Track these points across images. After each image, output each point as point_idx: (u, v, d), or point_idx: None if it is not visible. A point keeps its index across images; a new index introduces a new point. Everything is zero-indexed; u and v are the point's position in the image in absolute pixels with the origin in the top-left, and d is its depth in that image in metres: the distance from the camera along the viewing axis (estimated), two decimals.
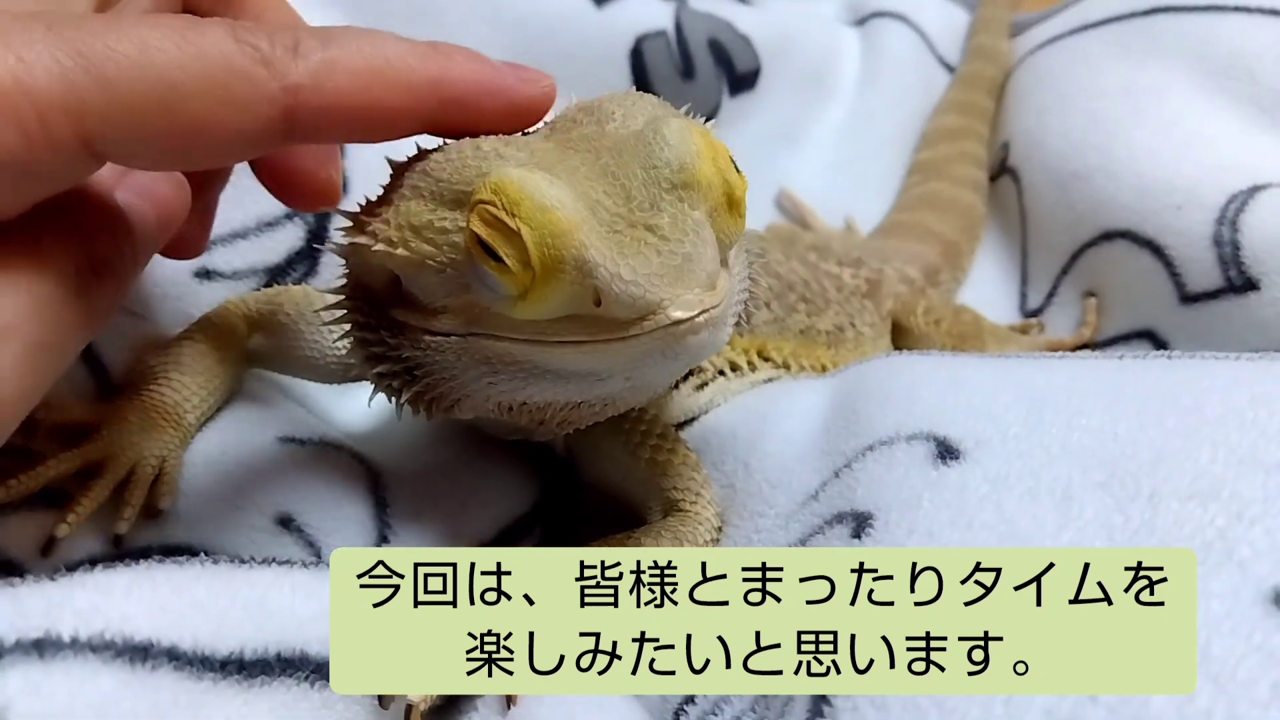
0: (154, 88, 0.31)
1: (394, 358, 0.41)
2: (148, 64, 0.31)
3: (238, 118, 0.33)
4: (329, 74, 0.34)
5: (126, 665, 0.32)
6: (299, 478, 0.48)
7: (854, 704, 0.31)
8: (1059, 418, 0.39)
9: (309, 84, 0.33)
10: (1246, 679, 0.27)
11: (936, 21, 1.04)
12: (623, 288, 0.33)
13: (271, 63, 0.33)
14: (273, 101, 0.33)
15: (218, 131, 0.33)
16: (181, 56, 0.32)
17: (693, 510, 0.46)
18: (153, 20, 0.32)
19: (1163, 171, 0.70)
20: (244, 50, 0.32)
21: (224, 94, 0.32)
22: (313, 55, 0.34)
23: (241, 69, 0.32)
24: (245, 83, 0.32)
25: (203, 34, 0.32)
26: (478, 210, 0.34)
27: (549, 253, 0.34)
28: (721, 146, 0.38)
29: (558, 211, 0.34)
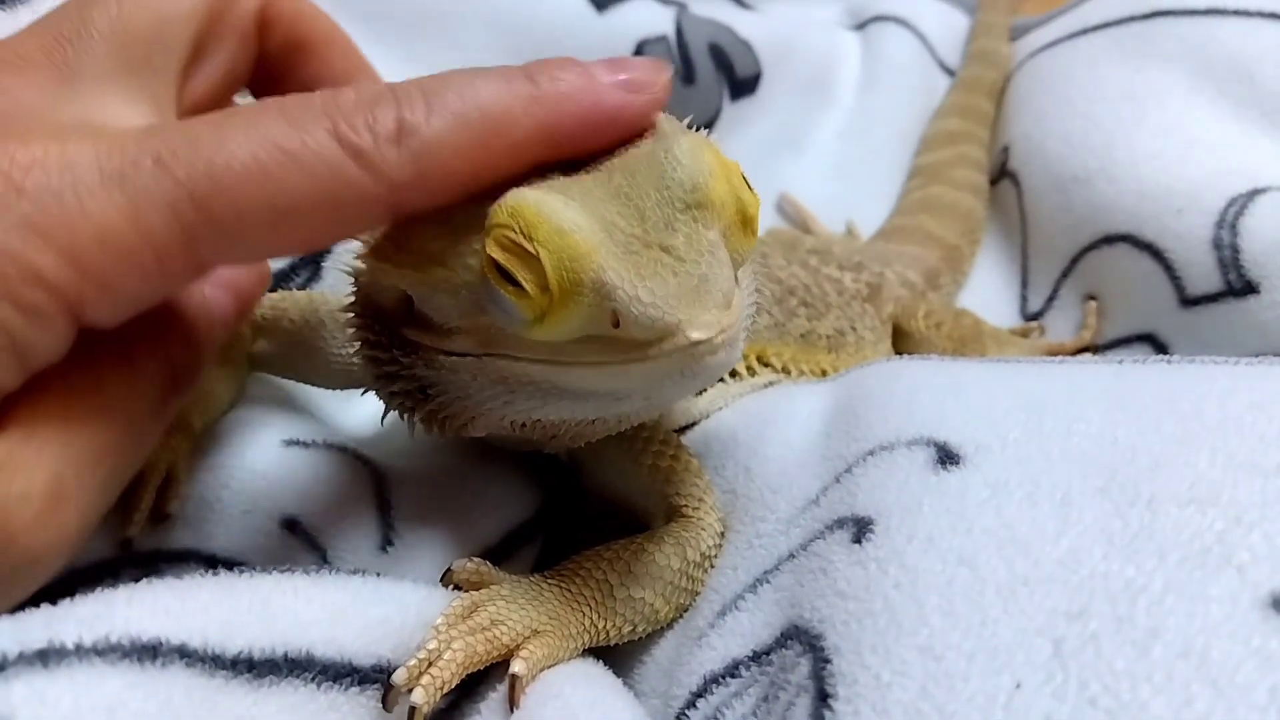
0: (263, 214, 0.32)
1: (407, 377, 0.41)
2: (260, 192, 0.32)
3: (344, 225, 0.34)
4: (433, 159, 0.33)
5: (135, 665, 0.32)
6: (304, 481, 0.48)
7: (855, 709, 0.32)
8: (1059, 423, 0.39)
9: (413, 178, 0.33)
10: (1245, 683, 0.27)
11: (936, 25, 1.04)
12: (641, 310, 0.33)
13: (374, 164, 0.32)
14: (378, 200, 0.33)
15: (324, 238, 0.34)
16: (288, 178, 0.32)
17: (696, 516, 0.46)
18: (258, 132, 0.32)
19: (1163, 175, 0.71)
20: (347, 154, 0.32)
21: (332, 209, 0.33)
22: (414, 139, 0.33)
23: (348, 178, 0.32)
24: (353, 192, 0.33)
25: (305, 142, 0.32)
26: (494, 234, 0.34)
27: (567, 276, 0.33)
28: (734, 165, 0.37)
29: (575, 235, 0.33)
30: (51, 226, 0.30)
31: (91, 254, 0.31)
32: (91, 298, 0.31)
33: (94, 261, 0.31)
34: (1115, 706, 0.28)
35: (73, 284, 0.31)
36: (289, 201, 0.32)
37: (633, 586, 0.43)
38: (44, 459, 0.32)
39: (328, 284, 0.60)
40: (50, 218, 0.31)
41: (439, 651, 0.37)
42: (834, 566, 0.37)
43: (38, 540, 0.32)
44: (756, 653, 0.39)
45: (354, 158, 0.32)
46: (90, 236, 0.31)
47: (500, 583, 0.41)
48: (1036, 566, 0.33)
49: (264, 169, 0.32)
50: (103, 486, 0.34)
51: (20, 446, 0.32)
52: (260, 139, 0.32)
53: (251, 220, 0.32)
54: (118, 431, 0.35)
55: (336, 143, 0.32)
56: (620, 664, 0.44)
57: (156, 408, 0.37)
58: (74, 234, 0.31)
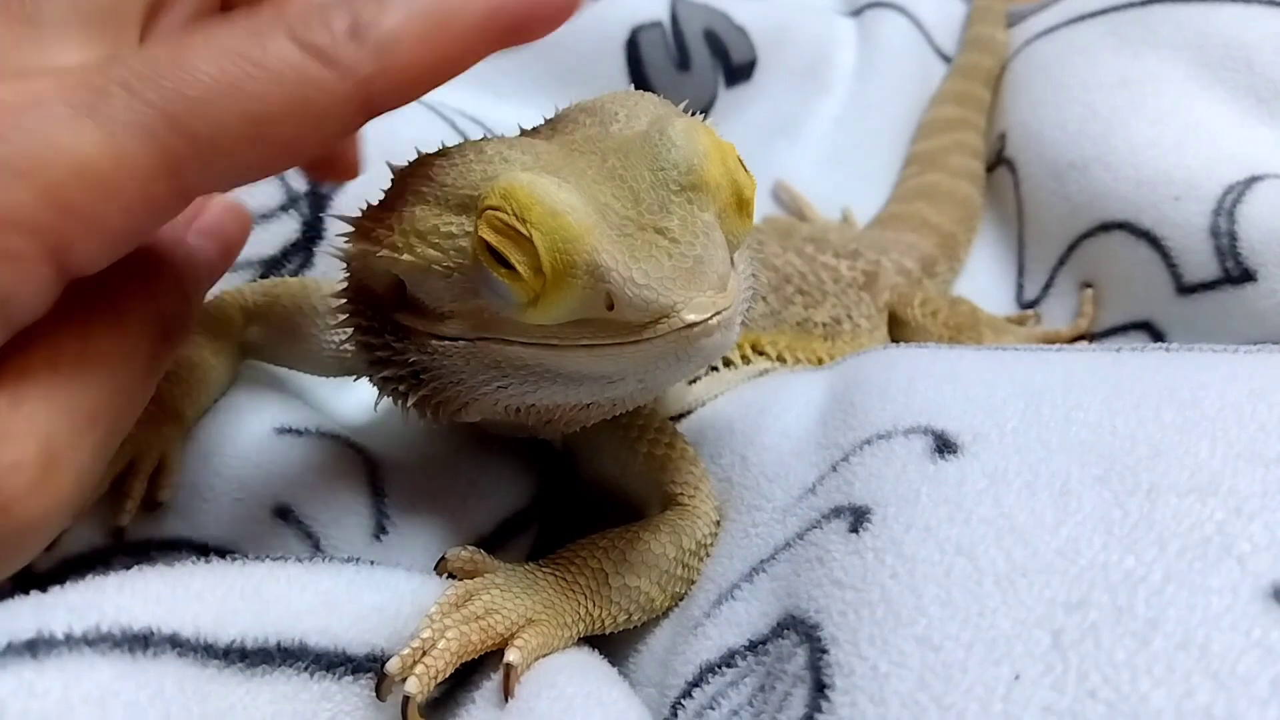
0: (241, 127, 0.31)
1: (399, 362, 0.41)
2: (231, 106, 0.31)
3: (320, 128, 0.33)
4: (394, 51, 0.33)
5: (126, 655, 0.31)
6: (296, 469, 0.48)
7: (852, 700, 0.32)
8: (1057, 412, 0.39)
9: (377, 70, 0.33)
10: (1246, 675, 0.27)
11: (933, 12, 1.03)
12: (636, 292, 0.33)
13: (337, 61, 0.32)
14: (349, 100, 0.33)
15: (303, 145, 0.33)
16: (258, 86, 0.31)
17: (691, 504, 0.46)
18: (218, 47, 0.32)
19: (1160, 162, 0.70)
20: (310, 56, 0.32)
21: (304, 113, 0.32)
22: (372, 32, 0.33)
23: (315, 80, 0.32)
24: (321, 93, 0.32)
25: (267, 50, 0.32)
26: (486, 216, 0.34)
27: (561, 258, 0.33)
28: (729, 146, 0.37)
29: (569, 216, 0.33)
30: (25, 164, 0.29)
31: (70, 189, 0.30)
32: (75, 237, 0.30)
33: (74, 197, 0.30)
34: (1115, 698, 0.28)
35: (53, 223, 0.30)
36: (262, 109, 0.31)
37: (628, 575, 0.42)
38: (34, 425, 0.31)
39: (320, 270, 0.59)
40: (22, 155, 0.29)
41: (433, 640, 0.37)
42: (831, 556, 0.37)
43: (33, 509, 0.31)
44: (753, 642, 0.39)
45: (316, 57, 0.32)
46: (67, 171, 0.30)
47: (494, 571, 0.41)
48: (1035, 556, 0.33)
49: (232, 81, 0.31)
50: (97, 448, 0.34)
51: (9, 413, 0.31)
52: (223, 52, 0.31)
53: (229, 133, 0.31)
54: (110, 390, 0.34)
55: (297, 46, 0.32)
56: (616, 653, 0.44)
57: (148, 362, 0.36)
58: (49, 169, 0.29)
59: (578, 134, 0.38)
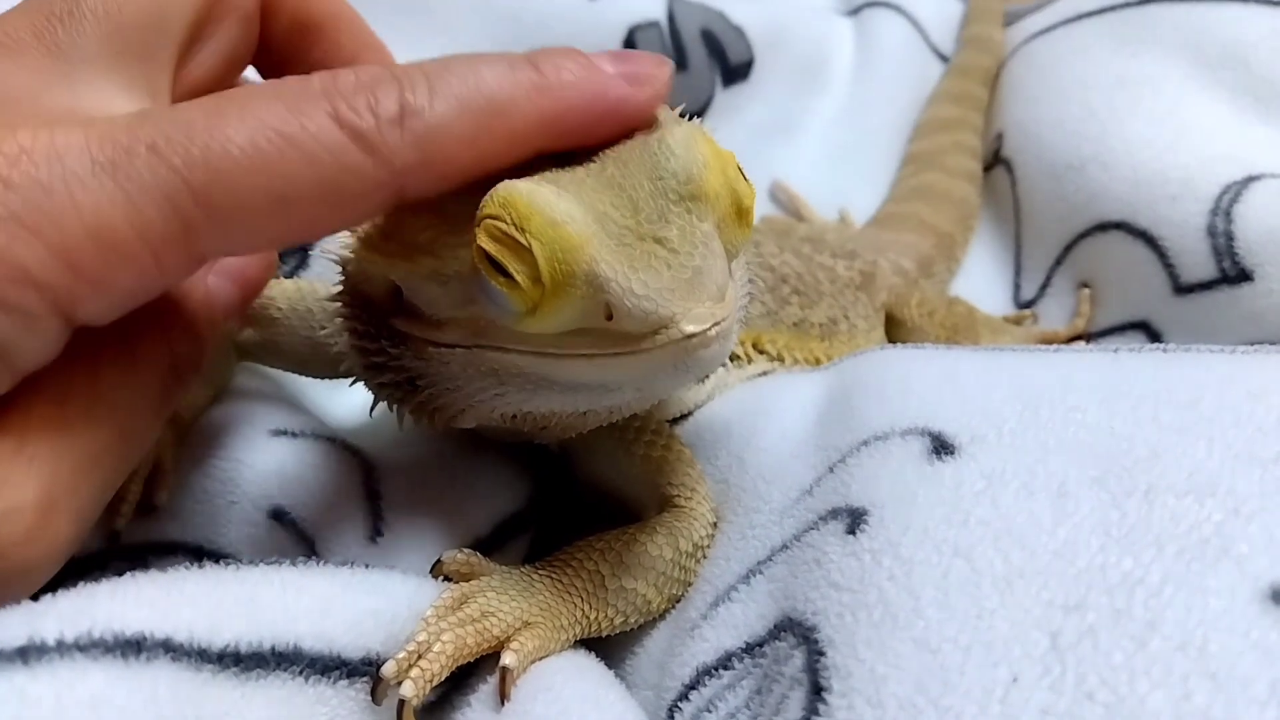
0: (264, 202, 0.31)
1: (395, 368, 0.41)
2: (257, 182, 0.30)
3: (347, 211, 0.33)
4: (437, 143, 0.32)
5: (119, 661, 0.31)
6: (291, 471, 0.47)
7: (850, 702, 0.31)
8: (1054, 413, 0.38)
9: (418, 161, 0.32)
10: (1244, 677, 0.27)
11: (930, 11, 1.03)
12: (635, 303, 0.33)
13: (376, 148, 0.31)
14: (381, 188, 0.32)
15: (327, 225, 0.33)
16: (289, 164, 0.31)
17: (688, 506, 0.46)
18: (255, 116, 0.31)
19: (1157, 162, 0.70)
20: (348, 138, 0.31)
21: (335, 196, 0.32)
22: (417, 121, 0.32)
23: (350, 164, 0.31)
24: (355, 178, 0.31)
25: (305, 126, 0.31)
26: (485, 225, 0.34)
27: (560, 268, 0.33)
28: (729, 155, 0.37)
29: (568, 226, 0.33)
30: (39, 221, 0.29)
31: (83, 250, 0.29)
32: (84, 296, 0.30)
33: (85, 258, 0.30)
34: (1113, 700, 0.27)
35: (63, 282, 0.30)
36: (289, 188, 0.31)
37: (624, 577, 0.42)
38: (35, 470, 0.31)
39: (315, 272, 0.59)
40: (38, 212, 0.29)
41: (428, 644, 0.36)
42: (828, 558, 0.37)
43: (29, 553, 0.32)
44: (750, 644, 0.39)
45: (355, 141, 0.31)
46: (81, 231, 0.29)
47: (491, 574, 0.41)
48: (1033, 558, 0.32)
49: (263, 155, 0.30)
50: (98, 490, 0.34)
51: (12, 458, 0.31)
52: (257, 124, 0.31)
53: (251, 209, 0.31)
54: (117, 431, 0.34)
55: (337, 126, 0.31)
56: (612, 656, 0.44)
57: (156, 404, 0.36)
58: (64, 229, 0.29)
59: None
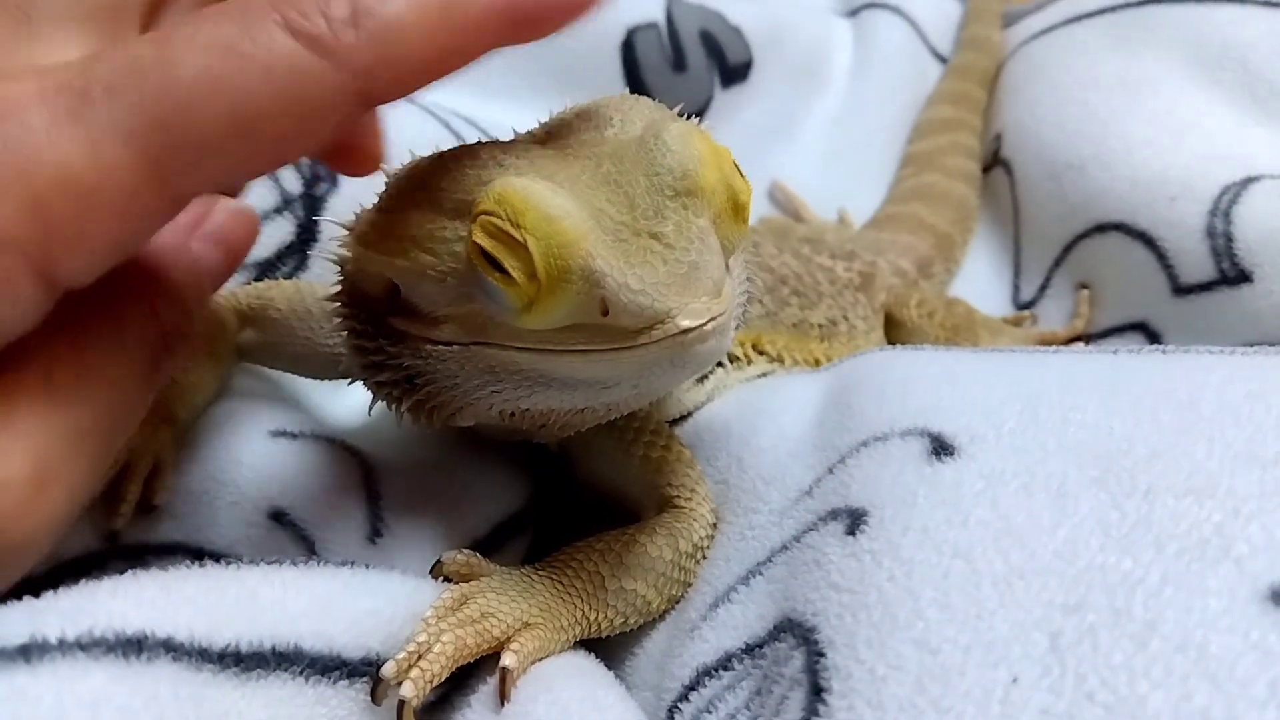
0: (228, 126, 0.30)
1: (394, 366, 0.41)
2: (216, 104, 0.29)
3: (315, 122, 0.31)
4: (396, 40, 0.31)
5: (119, 660, 0.31)
6: (291, 472, 0.47)
7: (850, 703, 0.31)
8: (1054, 413, 0.38)
9: (377, 60, 0.31)
10: (1244, 677, 0.27)
11: (929, 12, 1.03)
12: (631, 297, 0.33)
13: (334, 50, 0.30)
14: (345, 92, 0.31)
15: (297, 141, 0.32)
16: (245, 81, 0.29)
17: (688, 507, 0.46)
18: (204, 41, 0.30)
19: (1156, 163, 0.71)
20: (302, 45, 0.30)
21: (298, 108, 0.30)
22: (371, 20, 0.30)
23: (307, 72, 0.30)
24: (315, 86, 0.30)
25: (256, 40, 0.30)
26: (480, 221, 0.34)
27: (555, 263, 0.33)
28: (725, 151, 0.37)
29: (564, 221, 0.33)
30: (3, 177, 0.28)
31: (53, 201, 0.28)
32: (60, 251, 0.29)
33: (56, 210, 0.28)
34: (1113, 701, 0.27)
35: (36, 238, 0.29)
36: (250, 105, 0.29)
37: (624, 578, 0.42)
38: (26, 442, 0.31)
39: (314, 273, 0.59)
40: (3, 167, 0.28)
41: (428, 644, 0.36)
42: (828, 558, 0.37)
43: (23, 527, 0.31)
44: (749, 645, 0.39)
45: (310, 47, 0.30)
46: (48, 181, 0.28)
47: (490, 574, 0.41)
48: (1033, 559, 0.32)
49: (217, 76, 0.29)
50: (91, 462, 0.33)
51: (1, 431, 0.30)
52: (208, 45, 0.29)
53: (216, 134, 0.29)
54: (105, 402, 0.33)
55: (289, 34, 0.30)
56: (612, 656, 0.44)
57: (146, 372, 0.35)
58: (29, 183, 0.28)
59: (572, 139, 0.38)
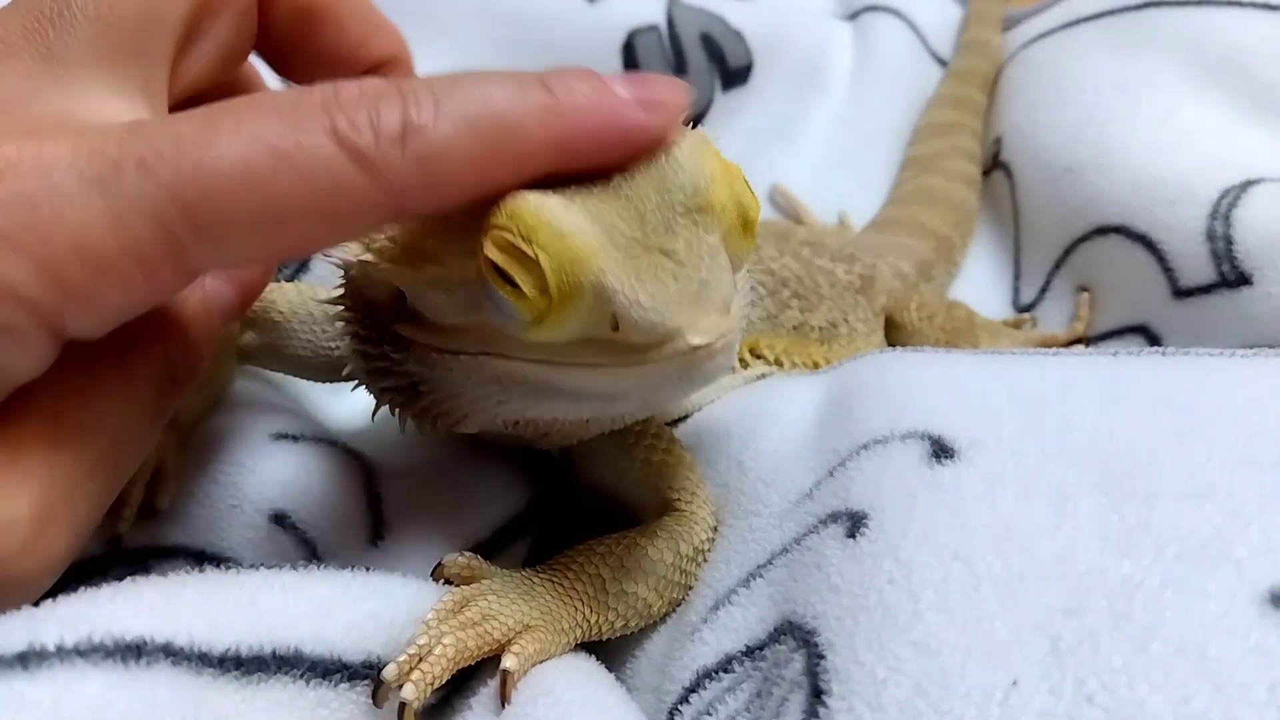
0: (255, 220, 0.30)
1: (398, 373, 0.41)
2: (250, 198, 0.29)
3: (342, 230, 0.32)
4: (439, 164, 0.31)
5: (119, 665, 0.31)
6: (292, 475, 0.47)
7: (849, 705, 0.31)
8: (1054, 416, 0.38)
9: (418, 183, 0.31)
10: (1244, 681, 0.27)
11: (929, 16, 1.03)
12: (641, 314, 0.33)
13: (375, 167, 0.30)
14: (378, 208, 0.31)
15: (320, 243, 0.32)
16: (282, 182, 0.29)
17: (689, 510, 0.46)
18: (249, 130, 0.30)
19: (1156, 166, 0.71)
20: (346, 156, 0.30)
21: (329, 215, 0.30)
22: (420, 141, 0.30)
23: (346, 182, 0.30)
24: (350, 197, 0.30)
25: (300, 141, 0.30)
26: (492, 235, 0.34)
27: (567, 279, 0.33)
28: (735, 168, 0.37)
29: (576, 237, 0.33)
30: (25, 236, 0.28)
31: (69, 266, 0.29)
32: (71, 312, 0.30)
33: (72, 274, 0.29)
34: (1113, 704, 0.27)
35: (49, 299, 0.29)
36: (282, 206, 0.30)
37: (625, 581, 0.42)
38: (30, 483, 0.31)
39: (317, 275, 0.59)
40: (23, 227, 0.28)
41: (429, 647, 0.36)
42: (828, 561, 0.37)
43: (25, 566, 0.31)
44: (750, 648, 0.39)
45: (353, 159, 0.30)
46: (67, 247, 0.29)
47: (491, 577, 0.41)
48: (1032, 562, 0.32)
49: (255, 171, 0.29)
50: (95, 499, 0.33)
51: (4, 472, 0.31)
52: (251, 138, 0.30)
53: (241, 226, 0.30)
54: (112, 442, 0.33)
55: (335, 143, 0.30)
56: (613, 659, 0.44)
57: (152, 413, 0.35)
58: (49, 245, 0.28)
59: None
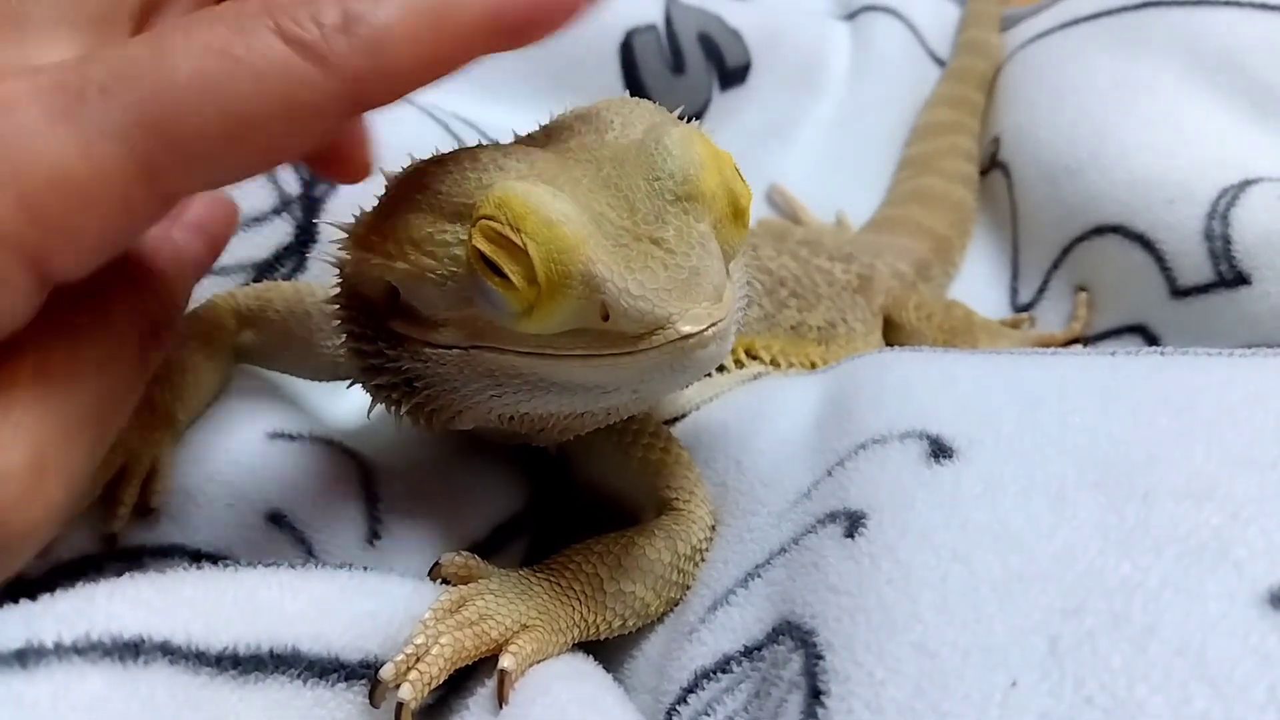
0: (221, 128, 0.30)
1: (393, 370, 0.40)
2: (210, 107, 0.30)
3: (306, 127, 0.32)
4: (387, 47, 0.31)
5: (116, 664, 0.31)
6: (289, 474, 0.47)
7: (848, 706, 0.31)
8: (1052, 416, 0.38)
9: (368, 67, 0.31)
10: (1243, 682, 0.27)
11: (927, 15, 1.04)
12: (631, 302, 0.33)
13: (325, 56, 0.31)
14: (336, 97, 0.31)
15: (288, 145, 0.32)
16: (238, 85, 0.30)
17: (686, 509, 0.45)
18: (198, 44, 0.30)
19: (1154, 166, 0.71)
20: (294, 50, 0.30)
21: (289, 111, 0.31)
22: (363, 26, 0.31)
23: (300, 77, 0.30)
24: (307, 91, 0.31)
25: (250, 45, 0.30)
26: (480, 226, 0.34)
27: (555, 268, 0.33)
28: (726, 155, 0.37)
29: (564, 226, 0.33)
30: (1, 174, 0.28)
31: (46, 197, 0.29)
32: (54, 247, 0.30)
33: (50, 205, 0.29)
34: (1112, 704, 0.27)
35: (30, 233, 0.29)
36: (242, 109, 0.30)
37: (623, 580, 0.42)
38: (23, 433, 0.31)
39: (313, 274, 0.59)
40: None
41: (426, 646, 0.36)
42: (826, 561, 0.37)
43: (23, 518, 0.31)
44: (748, 648, 0.39)
45: (301, 53, 0.30)
46: (42, 178, 0.29)
47: (489, 577, 0.41)
48: (1031, 562, 0.32)
49: (210, 79, 0.30)
50: (87, 451, 0.33)
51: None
52: (202, 49, 0.30)
53: (208, 136, 0.30)
54: (99, 393, 0.33)
55: (281, 40, 0.30)
56: (610, 659, 0.44)
57: (136, 363, 0.35)
58: (23, 178, 0.28)
59: (573, 142, 0.38)
